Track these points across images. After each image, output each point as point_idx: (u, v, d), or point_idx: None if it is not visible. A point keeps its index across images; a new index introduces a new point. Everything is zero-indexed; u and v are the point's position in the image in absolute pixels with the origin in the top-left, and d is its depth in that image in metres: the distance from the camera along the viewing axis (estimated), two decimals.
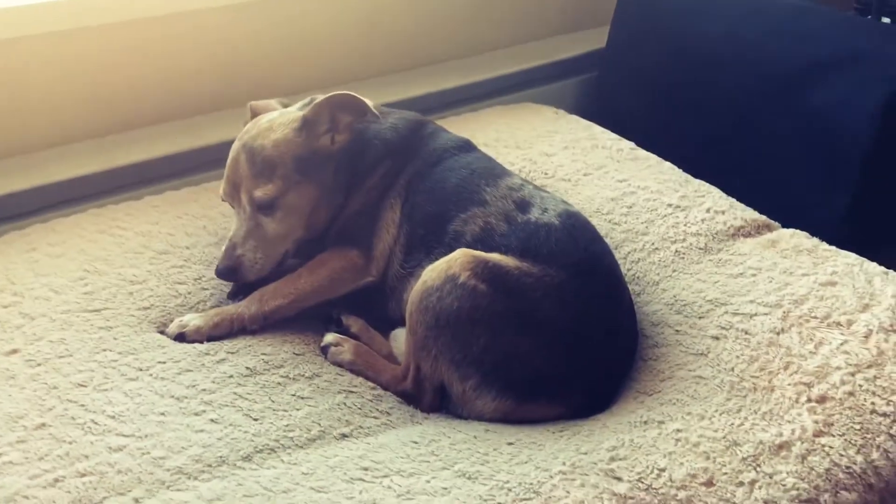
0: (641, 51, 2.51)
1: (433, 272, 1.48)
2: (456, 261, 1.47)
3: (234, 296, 1.67)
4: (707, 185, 1.98)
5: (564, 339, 1.46)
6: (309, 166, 1.63)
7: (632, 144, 2.15)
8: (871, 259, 1.78)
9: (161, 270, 1.70)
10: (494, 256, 1.50)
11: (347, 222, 1.69)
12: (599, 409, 1.47)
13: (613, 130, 2.26)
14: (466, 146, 1.78)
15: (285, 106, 1.76)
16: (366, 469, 1.27)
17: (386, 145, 1.72)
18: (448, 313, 1.44)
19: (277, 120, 1.65)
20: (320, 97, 1.65)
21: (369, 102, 1.63)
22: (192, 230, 1.83)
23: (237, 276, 1.63)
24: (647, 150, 2.17)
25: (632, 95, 2.53)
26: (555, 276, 1.49)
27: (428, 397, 1.50)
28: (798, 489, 1.25)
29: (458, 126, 2.18)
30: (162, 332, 1.57)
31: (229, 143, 1.70)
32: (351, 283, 1.65)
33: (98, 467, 1.23)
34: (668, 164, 2.07)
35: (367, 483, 1.24)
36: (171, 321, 1.59)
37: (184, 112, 2.16)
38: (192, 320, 1.57)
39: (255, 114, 1.74)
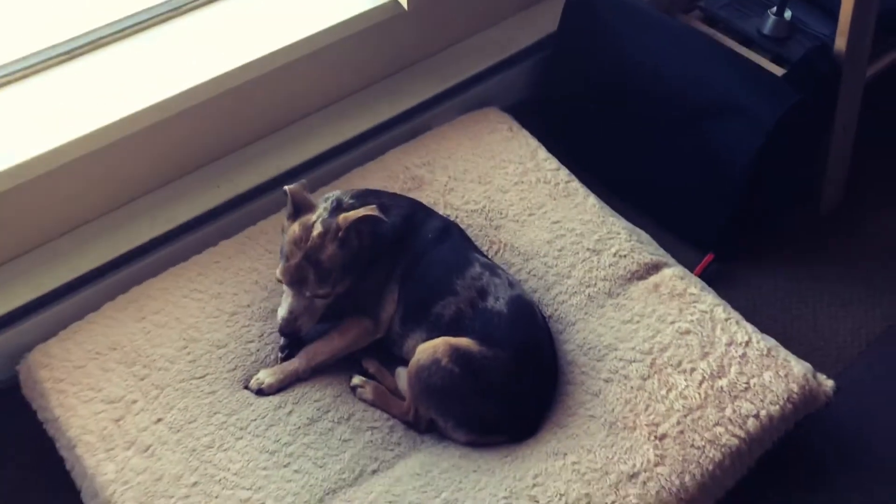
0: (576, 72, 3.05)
1: (424, 353, 2.28)
2: (439, 348, 2.27)
3: (284, 349, 2.45)
4: (618, 224, 2.63)
5: (508, 398, 2.30)
6: (349, 268, 2.34)
7: (567, 174, 2.75)
8: (737, 257, 2.58)
9: (235, 332, 2.44)
10: (464, 342, 2.29)
11: (361, 296, 2.44)
12: (531, 434, 2.34)
13: (553, 142, 2.88)
14: (445, 232, 2.47)
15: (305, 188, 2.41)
16: (391, 503, 2.16)
17: (388, 240, 2.41)
18: (433, 387, 2.27)
19: (325, 234, 2.27)
20: (342, 216, 2.29)
21: (378, 213, 2.30)
22: (248, 287, 2.54)
23: (295, 336, 2.41)
24: (577, 160, 2.82)
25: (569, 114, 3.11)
26: (503, 355, 2.29)
27: (423, 424, 2.38)
28: None
29: (431, 151, 2.79)
30: (246, 388, 2.38)
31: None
32: (366, 341, 2.45)
33: None
34: (592, 199, 2.69)
35: None
36: (250, 377, 2.38)
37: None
38: (266, 378, 2.37)
39: (294, 201, 2.35)
